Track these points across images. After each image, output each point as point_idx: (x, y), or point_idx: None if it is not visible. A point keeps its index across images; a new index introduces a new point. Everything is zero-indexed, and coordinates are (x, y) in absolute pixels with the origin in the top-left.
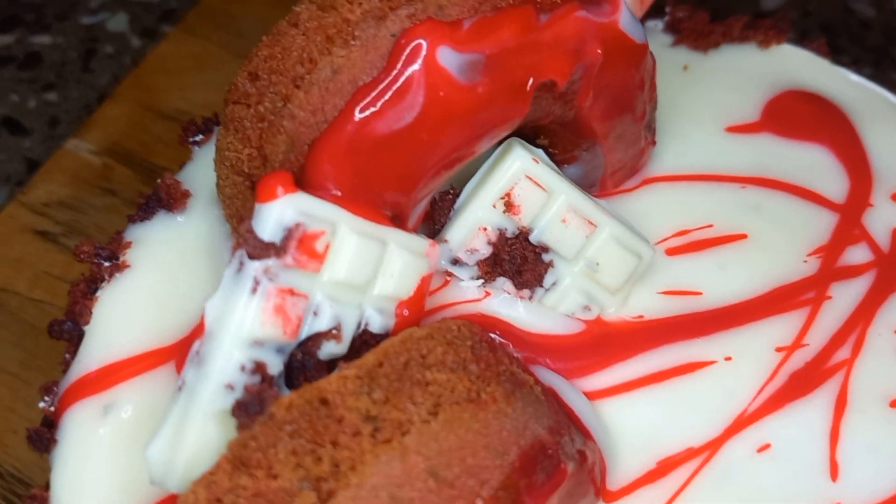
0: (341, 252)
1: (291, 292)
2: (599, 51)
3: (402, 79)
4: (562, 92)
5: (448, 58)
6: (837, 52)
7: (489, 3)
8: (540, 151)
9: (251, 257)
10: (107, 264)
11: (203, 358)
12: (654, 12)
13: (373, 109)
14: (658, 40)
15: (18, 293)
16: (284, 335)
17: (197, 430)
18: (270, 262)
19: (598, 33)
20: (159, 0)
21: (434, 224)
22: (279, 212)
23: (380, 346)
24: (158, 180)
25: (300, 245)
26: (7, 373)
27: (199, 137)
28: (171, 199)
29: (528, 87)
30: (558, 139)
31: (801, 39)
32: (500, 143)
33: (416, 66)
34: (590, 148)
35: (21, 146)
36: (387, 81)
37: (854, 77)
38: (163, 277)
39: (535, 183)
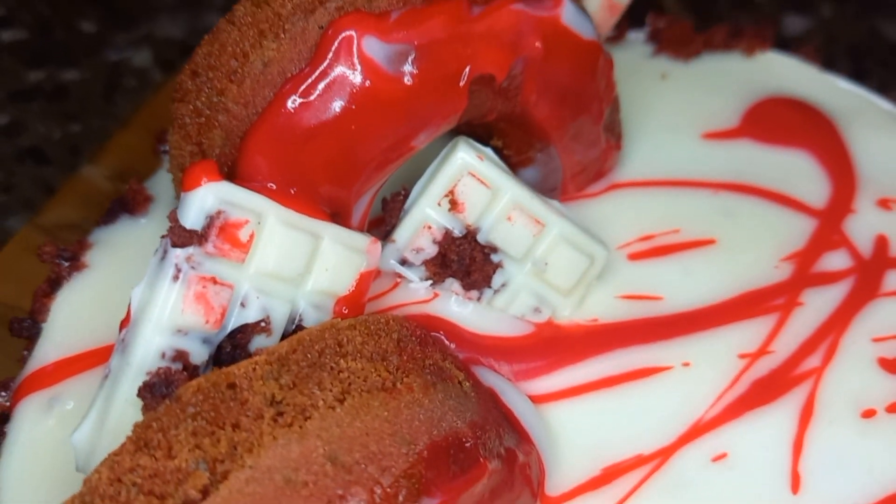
0: (269, 243)
1: (214, 281)
2: (539, 45)
3: (328, 69)
4: (502, 87)
5: (374, 48)
6: (863, 76)
7: None
8: (489, 150)
9: (174, 245)
10: (66, 264)
11: (126, 345)
12: (635, 23)
13: (300, 100)
14: (639, 50)
15: (23, 309)
16: (207, 324)
17: (118, 416)
18: (192, 249)
19: (538, 27)
20: (183, 36)
21: (385, 224)
22: (201, 199)
23: (298, 333)
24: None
25: (221, 233)
26: None
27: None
28: (134, 203)
29: (464, 80)
30: (511, 140)
31: (825, 65)
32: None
33: (342, 57)
34: (544, 149)
35: (43, 175)
36: (314, 72)
37: (843, 83)
38: (120, 277)
39: (480, 180)
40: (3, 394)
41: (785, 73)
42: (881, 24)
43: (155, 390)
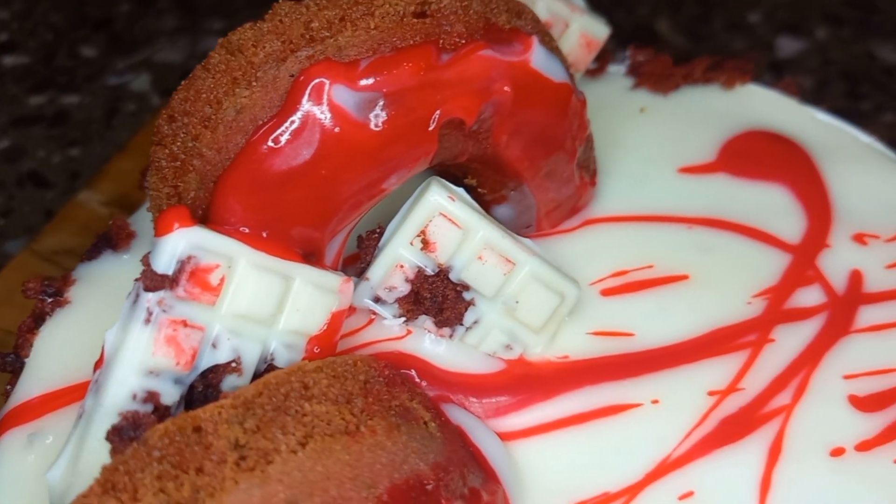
0: (240, 286)
1: (185, 324)
2: (508, 89)
3: (298, 116)
4: (473, 130)
5: (343, 96)
6: (857, 99)
7: (389, 44)
8: (461, 191)
9: (146, 289)
10: (49, 301)
11: (99, 386)
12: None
13: (271, 146)
14: (619, 84)
15: None
16: (178, 366)
17: (90, 456)
18: (164, 293)
19: (507, 72)
20: (181, 61)
21: (360, 261)
22: (173, 245)
23: (265, 376)
24: (110, 222)
25: (192, 277)
26: None
27: None
28: (117, 239)
29: (433, 125)
30: (485, 179)
31: (820, 88)
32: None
33: (311, 104)
34: (517, 187)
35: (43, 199)
36: (284, 119)
37: (821, 116)
38: (101, 313)
39: (451, 220)
40: None
41: (764, 106)
42: (876, 47)
43: (123, 433)
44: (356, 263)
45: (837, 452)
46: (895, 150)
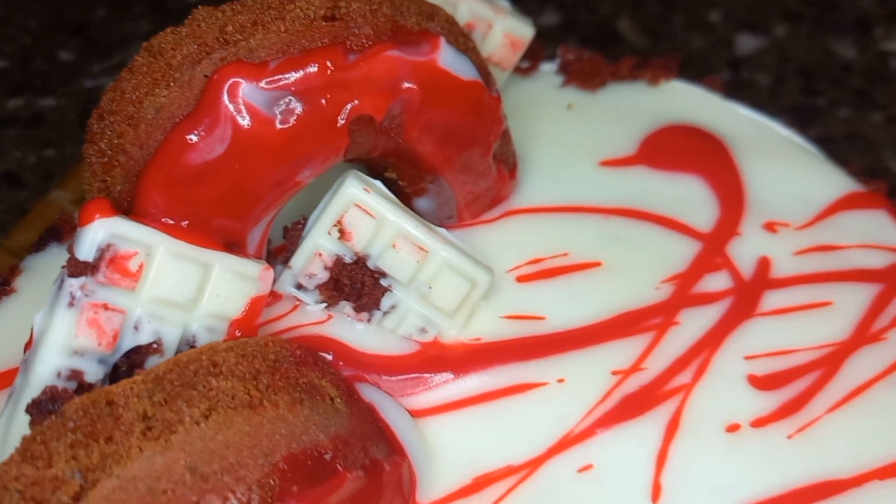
0: (159, 273)
1: (106, 307)
2: (415, 87)
3: (211, 114)
4: (384, 126)
5: (254, 94)
6: (813, 95)
7: (298, 46)
8: (377, 183)
9: (69, 275)
10: None
11: (28, 365)
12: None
13: (187, 142)
14: (549, 81)
15: None
16: (100, 346)
17: (19, 430)
18: (85, 279)
19: (414, 71)
20: None
21: (287, 251)
22: (93, 234)
23: (177, 355)
24: (57, 216)
25: (111, 264)
26: None
27: None
28: (62, 232)
29: (343, 121)
30: (404, 172)
31: (777, 84)
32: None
33: (223, 102)
34: (434, 180)
35: (18, 198)
36: (199, 117)
37: (743, 111)
38: (43, 302)
39: (365, 211)
40: None
41: (687, 102)
42: (834, 44)
43: (42, 407)
44: (283, 254)
45: (733, 428)
46: (852, 145)
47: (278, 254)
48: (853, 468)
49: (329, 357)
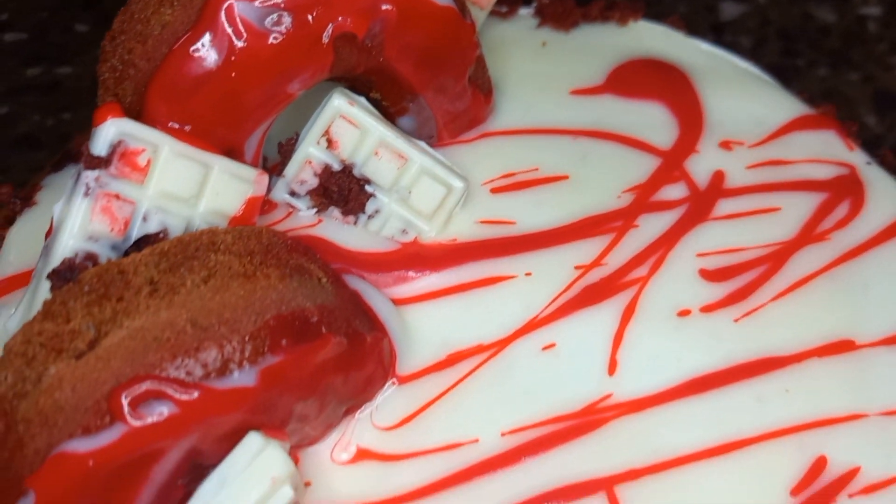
0: (164, 168)
1: (118, 197)
2: (392, 9)
3: (209, 29)
4: (365, 44)
5: (247, 10)
6: (793, 56)
7: None
8: (362, 99)
9: (85, 168)
10: (19, 203)
11: (48, 250)
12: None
13: (188, 55)
14: (526, 23)
15: None
16: (112, 232)
17: (41, 302)
18: (99, 172)
19: None
20: None
21: (281, 165)
22: (106, 132)
23: (182, 235)
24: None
25: (122, 158)
26: None
27: None
28: (78, 155)
29: (327, 38)
30: (386, 92)
31: (757, 46)
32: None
33: (220, 18)
34: (414, 100)
35: (36, 158)
36: (198, 32)
37: (705, 46)
38: None
39: (350, 121)
40: None
41: (653, 40)
42: (814, 8)
43: (61, 275)
44: (278, 169)
45: (684, 313)
46: (829, 102)
47: (274, 171)
48: (794, 347)
49: None
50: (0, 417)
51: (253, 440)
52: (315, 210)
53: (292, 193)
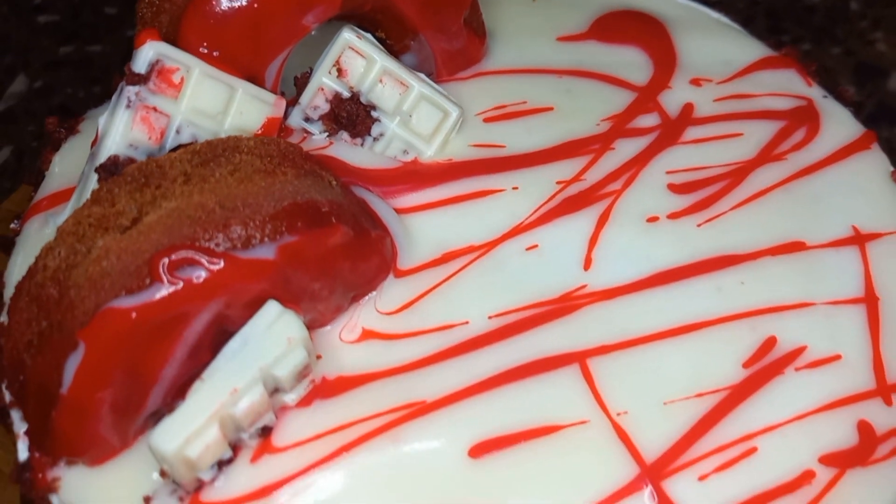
0: (196, 87)
1: (155, 110)
2: None
3: None
4: None
5: None
6: (779, 33)
7: None
8: (368, 34)
9: (127, 84)
10: (63, 131)
11: (94, 155)
12: None
13: None
14: None
15: None
16: (150, 140)
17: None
18: (139, 87)
19: None
20: None
21: (297, 97)
22: (145, 52)
23: (210, 139)
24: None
25: (159, 75)
26: None
27: None
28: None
29: None
30: (390, 31)
31: (745, 24)
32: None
33: None
34: (415, 38)
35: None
36: None
37: (682, 0)
38: None
39: (358, 52)
40: (16, 221)
41: None
42: None
43: (107, 169)
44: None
45: (653, 219)
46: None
47: (291, 104)
48: (750, 247)
49: None
50: (54, 285)
51: (272, 307)
52: (326, 134)
53: (307, 119)
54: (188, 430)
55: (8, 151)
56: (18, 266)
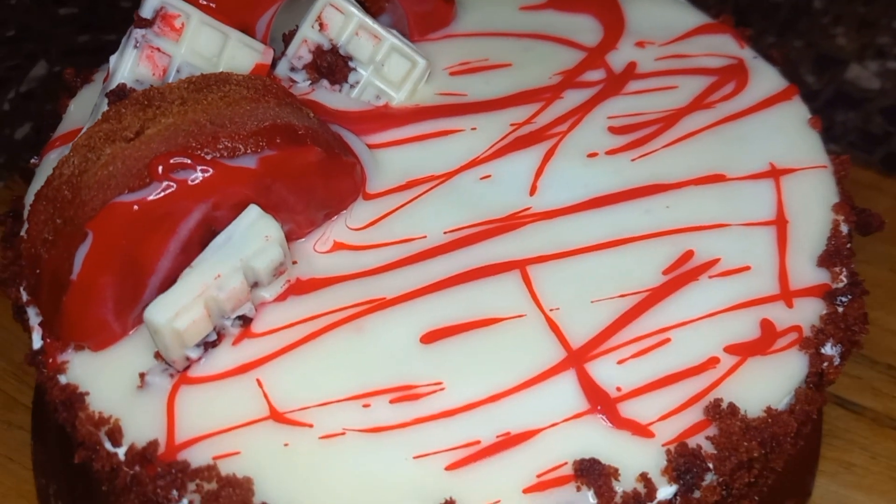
0: (195, 32)
1: (159, 50)
2: None
3: None
4: None
5: None
6: (746, 25)
7: None
8: None
9: (135, 27)
10: (79, 80)
11: (105, 88)
12: None
13: None
14: None
15: None
16: (154, 76)
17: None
18: (146, 30)
19: None
20: None
21: (285, 49)
22: (151, 0)
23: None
24: None
25: (163, 20)
26: None
27: None
28: None
29: None
30: None
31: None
32: None
33: None
34: (389, 0)
35: None
36: None
37: None
38: None
39: (337, 8)
40: (36, 157)
41: None
42: None
43: (116, 94)
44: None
45: (593, 155)
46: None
47: (279, 59)
48: (677, 177)
49: None
50: (68, 188)
51: (253, 210)
52: (309, 82)
53: (292, 69)
54: (178, 306)
55: (28, 127)
56: (36, 190)
